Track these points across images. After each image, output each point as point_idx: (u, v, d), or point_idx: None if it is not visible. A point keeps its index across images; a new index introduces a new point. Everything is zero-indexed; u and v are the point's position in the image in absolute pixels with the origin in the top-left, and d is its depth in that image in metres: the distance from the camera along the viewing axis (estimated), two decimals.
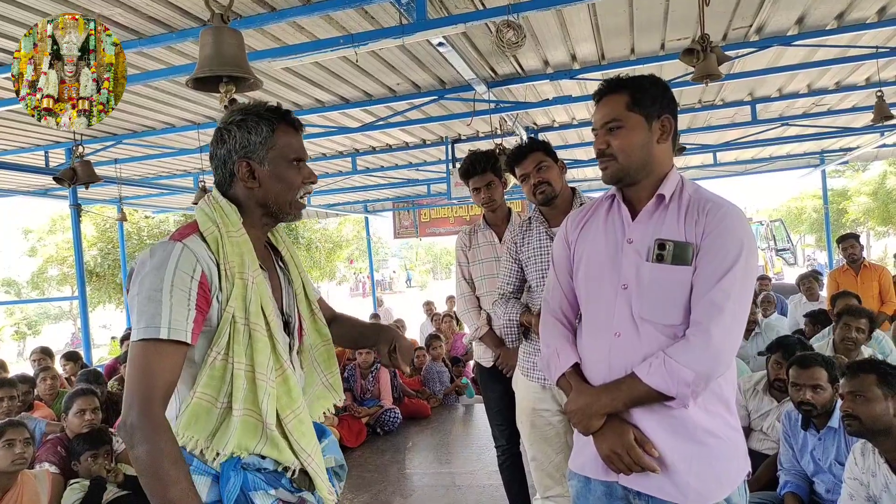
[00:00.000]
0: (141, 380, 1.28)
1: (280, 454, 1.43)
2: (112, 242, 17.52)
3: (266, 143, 1.47)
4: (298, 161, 1.52)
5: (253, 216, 1.51)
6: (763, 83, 6.69)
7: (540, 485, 2.71)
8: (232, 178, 1.49)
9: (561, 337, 1.75)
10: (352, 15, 4.10)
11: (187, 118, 6.39)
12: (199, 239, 1.40)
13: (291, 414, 1.47)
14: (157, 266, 1.33)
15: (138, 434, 1.25)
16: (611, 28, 4.78)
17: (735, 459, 1.60)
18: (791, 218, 30.75)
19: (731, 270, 1.50)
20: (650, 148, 1.64)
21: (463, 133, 8.12)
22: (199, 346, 1.38)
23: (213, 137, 1.52)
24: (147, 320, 1.30)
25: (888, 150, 11.62)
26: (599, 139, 1.66)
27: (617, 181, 1.68)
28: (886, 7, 4.63)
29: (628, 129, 1.62)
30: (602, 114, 1.67)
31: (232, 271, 1.40)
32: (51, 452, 3.59)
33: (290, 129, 1.52)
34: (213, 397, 1.37)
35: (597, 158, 1.69)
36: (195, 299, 1.34)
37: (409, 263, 55.82)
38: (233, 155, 1.48)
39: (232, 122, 1.48)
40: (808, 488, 2.89)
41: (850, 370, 2.40)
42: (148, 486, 1.26)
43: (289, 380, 1.48)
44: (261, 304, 1.44)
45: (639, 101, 1.62)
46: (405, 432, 6.04)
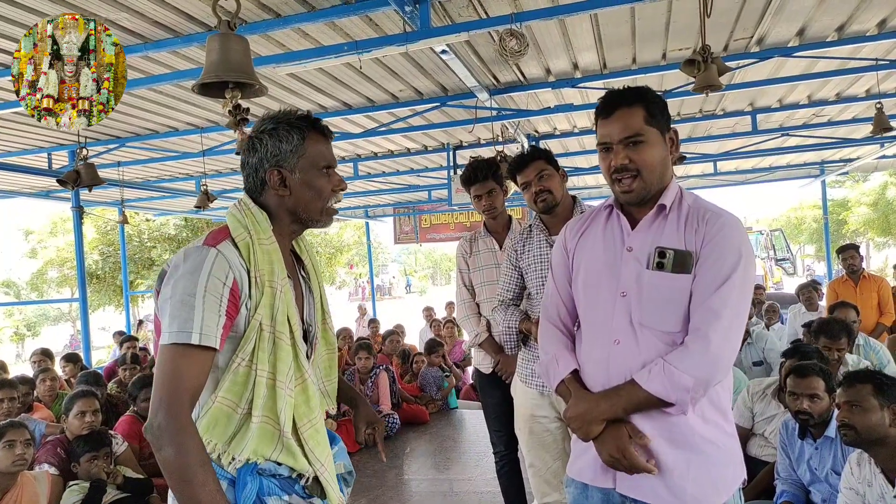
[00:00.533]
0: (170, 383, 1.30)
1: (295, 462, 1.45)
2: (113, 245, 17.54)
3: (297, 152, 1.48)
4: (328, 168, 1.54)
5: (282, 223, 1.53)
6: (763, 94, 6.72)
7: (537, 491, 2.72)
8: (263, 185, 1.51)
9: (560, 344, 1.77)
10: (356, 22, 4.14)
11: (190, 122, 6.42)
12: (230, 245, 1.41)
13: (308, 423, 1.49)
14: (192, 270, 1.34)
15: (166, 436, 1.27)
16: (613, 38, 4.81)
17: (731, 466, 1.61)
18: (791, 228, 30.80)
19: (730, 279, 1.52)
20: (667, 162, 1.65)
21: (465, 140, 8.15)
22: (224, 352, 1.39)
23: (244, 146, 1.54)
24: (179, 324, 1.31)
25: (888, 161, 11.65)
26: (619, 155, 1.62)
27: (641, 201, 1.65)
28: (886, 20, 4.67)
29: (650, 144, 1.61)
30: (619, 127, 1.62)
31: (262, 279, 1.41)
32: (50, 454, 3.61)
33: (320, 136, 1.53)
34: (234, 403, 1.39)
35: (613, 175, 1.65)
36: (226, 306, 1.35)
37: (408, 269, 55.82)
38: (264, 163, 1.49)
39: (263, 131, 1.50)
40: (805, 498, 2.90)
41: (846, 380, 2.42)
42: (176, 487, 1.28)
43: (308, 389, 1.50)
44: (287, 314, 1.45)
45: (653, 115, 1.62)
46: (403, 438, 6.04)
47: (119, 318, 21.47)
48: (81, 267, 7.76)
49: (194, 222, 17.33)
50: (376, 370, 6.38)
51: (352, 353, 6.70)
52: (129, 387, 4.36)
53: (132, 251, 17.26)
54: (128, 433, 4.02)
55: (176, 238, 17.73)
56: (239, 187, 10.52)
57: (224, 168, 9.04)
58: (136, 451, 4.00)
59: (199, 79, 2.44)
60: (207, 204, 7.10)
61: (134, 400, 4.21)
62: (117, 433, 3.92)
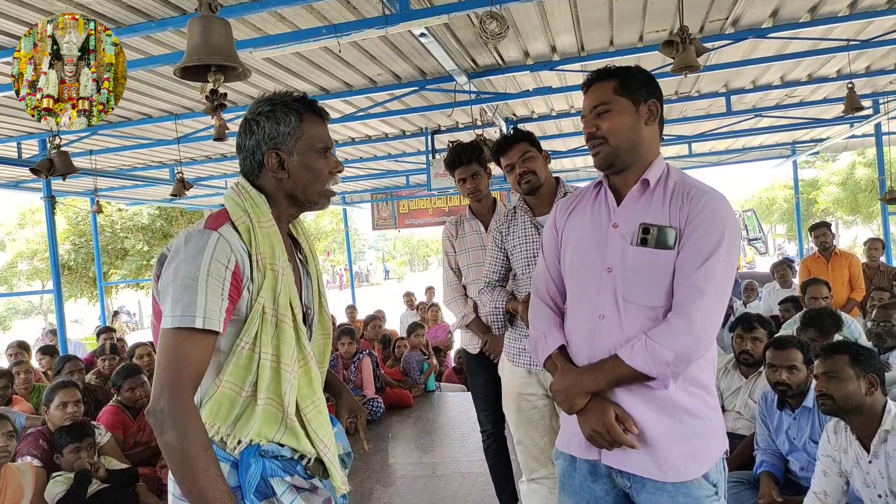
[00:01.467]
0: (173, 367, 1.30)
1: (298, 443, 1.46)
2: (84, 236, 17.25)
3: (295, 134, 1.48)
4: (326, 150, 1.54)
5: (280, 206, 1.53)
6: (738, 75, 6.81)
7: (525, 467, 2.76)
8: (260, 168, 1.50)
9: (548, 320, 1.80)
10: (334, 5, 4.10)
11: (165, 108, 6.32)
12: (231, 228, 1.41)
13: (311, 404, 1.50)
14: (194, 254, 1.33)
15: (169, 420, 1.27)
16: (591, 20, 4.83)
17: (713, 438, 1.65)
18: (762, 208, 31.31)
19: (714, 255, 1.55)
20: (638, 129, 1.68)
21: (443, 124, 8.14)
22: (227, 336, 1.39)
23: (240, 128, 1.53)
24: (182, 308, 1.30)
25: (857, 141, 11.90)
26: (589, 123, 1.71)
27: (609, 165, 1.71)
28: (857, 1, 4.75)
29: (616, 112, 1.67)
30: (591, 99, 1.71)
31: (264, 262, 1.41)
32: (32, 446, 3.56)
33: (317, 118, 1.53)
34: (238, 386, 1.39)
35: (587, 143, 1.73)
36: (228, 289, 1.35)
37: (386, 255, 55.71)
38: (262, 146, 1.48)
39: (261, 113, 1.49)
40: (784, 467, 2.99)
41: (823, 351, 2.50)
42: (177, 471, 1.29)
43: (311, 371, 1.51)
44: (289, 296, 1.46)
45: (626, 86, 1.68)
46: (388, 422, 6.08)
47: (92, 311, 21.18)
48: (55, 258, 7.61)
49: (168, 211, 17.09)
50: (359, 355, 6.39)
51: (335, 338, 6.71)
52: (113, 377, 4.32)
53: (105, 241, 16.97)
54: (111, 423, 3.99)
55: (150, 228, 17.48)
56: (214, 174, 10.40)
57: (199, 156, 8.92)
58: (120, 441, 3.98)
59: (180, 62, 2.41)
60: (184, 192, 7.01)
61: (118, 390, 4.17)
62: (100, 423, 3.89)
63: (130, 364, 4.39)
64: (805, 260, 6.74)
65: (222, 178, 10.57)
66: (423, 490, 4.30)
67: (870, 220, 24.72)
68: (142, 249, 17.30)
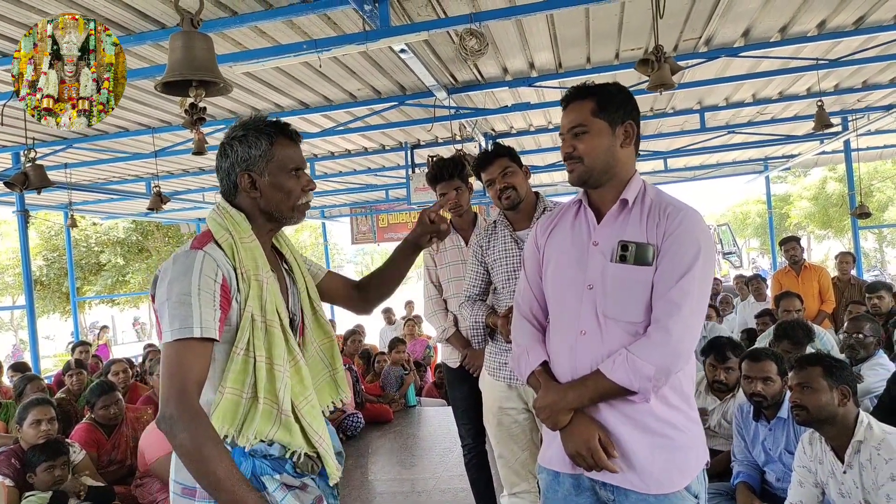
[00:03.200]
0: (177, 375, 1.40)
1: (291, 438, 1.54)
2: (57, 250, 16.97)
3: (265, 156, 1.58)
4: (297, 170, 1.63)
5: (258, 222, 1.63)
6: (711, 92, 6.95)
7: (507, 482, 2.77)
8: (236, 188, 1.61)
9: (531, 336, 1.81)
10: (314, 20, 4.12)
11: (142, 122, 6.27)
12: (215, 246, 1.53)
13: (304, 400, 1.60)
14: (184, 272, 1.45)
15: (179, 424, 1.36)
16: (568, 38, 4.92)
17: (694, 449, 1.68)
18: (737, 222, 31.78)
19: (690, 271, 1.58)
20: (614, 152, 1.72)
21: (422, 139, 8.18)
22: (222, 346, 1.50)
23: (217, 152, 1.64)
24: (181, 322, 1.41)
25: (827, 157, 12.18)
26: (566, 143, 1.74)
27: (583, 183, 1.75)
28: (826, 21, 4.90)
29: (592, 134, 1.70)
30: (569, 119, 1.74)
31: (248, 274, 1.53)
32: (4, 465, 3.48)
33: (288, 141, 1.62)
34: (239, 390, 1.49)
35: (564, 161, 1.77)
36: (219, 300, 1.46)
37: (364, 270, 55.47)
38: (235, 168, 1.59)
39: (234, 138, 1.60)
40: (760, 477, 3.03)
41: (798, 363, 2.55)
42: (194, 469, 1.38)
43: (301, 369, 1.61)
44: (275, 303, 1.56)
45: (604, 108, 1.70)
46: (367, 437, 6.04)
47: (65, 326, 20.76)
48: (28, 273, 7.49)
49: (144, 225, 16.88)
50: None
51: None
52: (87, 394, 4.23)
53: (78, 256, 16.72)
54: (85, 441, 3.91)
55: (125, 242, 17.24)
56: (191, 188, 10.32)
57: (176, 169, 8.85)
58: (95, 458, 3.90)
59: (162, 77, 2.41)
60: (161, 206, 6.94)
61: (91, 407, 4.09)
62: (74, 441, 3.81)
63: (105, 381, 4.31)
64: (776, 273, 6.86)
65: (199, 192, 10.49)
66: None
67: (841, 234, 25.24)
68: (117, 264, 17.06)
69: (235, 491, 1.37)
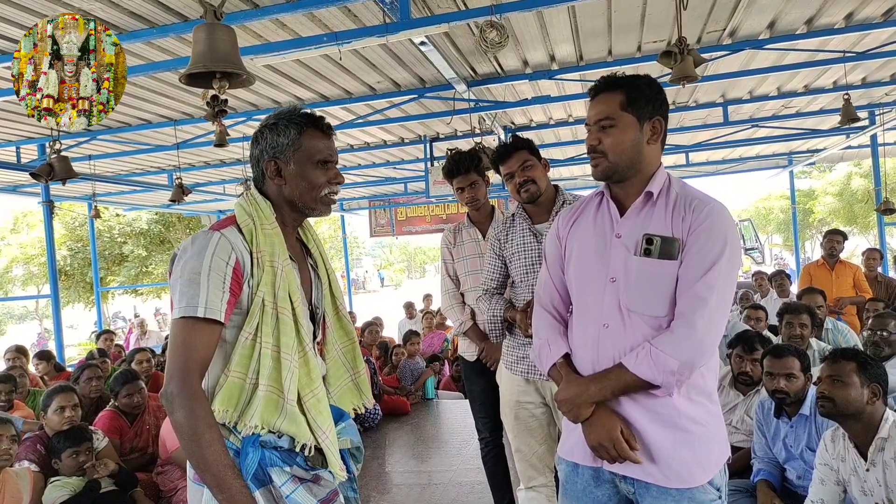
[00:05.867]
0: (180, 353, 1.43)
1: (298, 430, 1.53)
2: (81, 241, 17.21)
3: (293, 145, 1.61)
4: (326, 163, 1.65)
5: (283, 211, 1.65)
6: (735, 85, 6.86)
7: (523, 475, 2.76)
8: (264, 176, 1.65)
9: (552, 329, 1.81)
10: (335, 13, 4.13)
11: (164, 115, 6.34)
12: (235, 230, 1.55)
13: (310, 393, 1.59)
14: (198, 252, 1.48)
15: (177, 401, 1.40)
16: (589, 30, 4.87)
17: (716, 445, 1.67)
18: (759, 218, 31.40)
19: (716, 265, 1.57)
20: (640, 148, 1.69)
21: (441, 132, 8.17)
22: (232, 329, 1.52)
23: (251, 140, 1.68)
24: (187, 300, 1.44)
25: (853, 152, 11.97)
26: (592, 135, 1.71)
27: (606, 178, 1.73)
28: (853, 13, 4.80)
29: (620, 129, 1.67)
30: (596, 111, 1.70)
31: (263, 259, 1.54)
32: (30, 451, 3.55)
33: (318, 133, 1.64)
34: (243, 374, 1.50)
35: (588, 154, 1.74)
36: (229, 283, 1.48)
37: (383, 263, 55.64)
38: (264, 155, 1.63)
39: (266, 126, 1.64)
40: (780, 475, 3.00)
41: (832, 356, 2.53)
42: (186, 447, 1.42)
43: (309, 362, 1.60)
44: (288, 291, 1.57)
45: (633, 102, 1.67)
46: (385, 429, 6.07)
47: (89, 316, 21.09)
48: (52, 263, 7.61)
49: (166, 217, 17.07)
50: None
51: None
52: (111, 382, 4.30)
53: (102, 247, 16.95)
54: (108, 428, 3.98)
55: (148, 233, 17.45)
56: (213, 180, 10.42)
57: (198, 161, 8.93)
58: (117, 446, 3.97)
59: (185, 69, 2.43)
60: (182, 197, 7.01)
61: (115, 395, 4.16)
62: (97, 428, 3.88)
63: (129, 370, 4.37)
64: (808, 266, 6.73)
65: (220, 184, 10.58)
66: (419, 498, 4.29)
67: (866, 231, 24.80)
68: (140, 255, 17.28)
69: (221, 475, 1.40)
